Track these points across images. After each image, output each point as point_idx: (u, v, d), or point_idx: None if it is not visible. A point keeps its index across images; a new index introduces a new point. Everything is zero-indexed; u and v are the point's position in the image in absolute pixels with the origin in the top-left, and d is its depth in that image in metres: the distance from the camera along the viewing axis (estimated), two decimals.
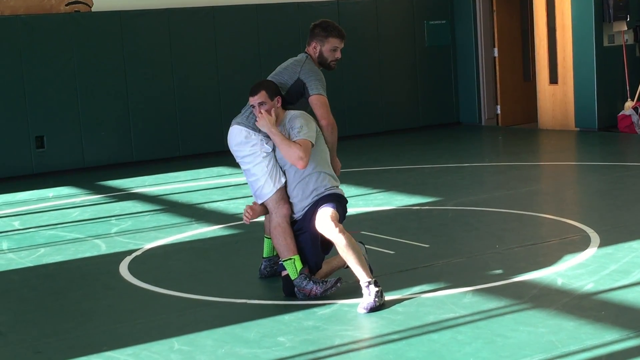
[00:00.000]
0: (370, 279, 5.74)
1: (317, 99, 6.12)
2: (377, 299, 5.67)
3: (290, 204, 6.09)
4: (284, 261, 6.01)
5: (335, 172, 6.20)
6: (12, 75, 12.36)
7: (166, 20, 13.35)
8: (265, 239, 6.56)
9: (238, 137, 6.15)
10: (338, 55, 6.30)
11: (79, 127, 12.80)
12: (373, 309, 5.64)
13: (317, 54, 6.28)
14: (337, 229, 5.76)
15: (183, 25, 13.48)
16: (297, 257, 5.98)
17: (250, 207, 6.09)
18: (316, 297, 5.90)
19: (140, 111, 13.22)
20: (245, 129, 6.12)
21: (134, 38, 13.15)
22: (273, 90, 6.01)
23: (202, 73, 13.62)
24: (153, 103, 13.31)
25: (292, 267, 5.97)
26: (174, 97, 13.43)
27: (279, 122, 6.02)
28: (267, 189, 6.05)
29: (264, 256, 6.60)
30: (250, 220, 6.13)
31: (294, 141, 5.88)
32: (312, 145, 5.92)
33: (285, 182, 6.07)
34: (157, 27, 13.30)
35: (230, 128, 6.21)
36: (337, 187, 6.09)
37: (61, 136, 12.69)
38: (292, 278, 5.98)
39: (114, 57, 13.01)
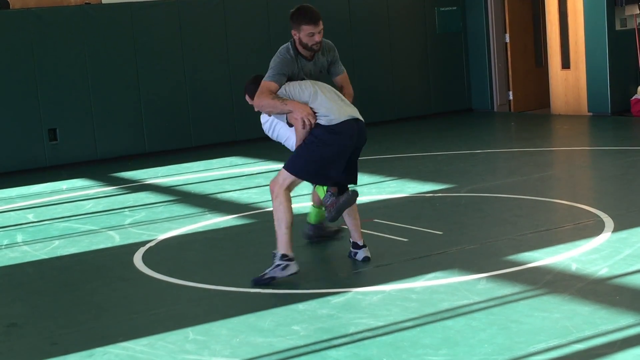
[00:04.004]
0: (277, 251, 6.18)
1: (262, 82, 6.40)
2: (268, 270, 6.15)
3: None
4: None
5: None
6: (23, 68, 12.39)
7: (176, 11, 13.35)
8: (312, 208, 7.10)
9: (263, 118, 6.78)
10: (316, 38, 6.42)
11: (91, 119, 12.83)
12: (258, 281, 6.13)
13: (297, 40, 6.50)
14: (275, 194, 6.23)
15: (193, 16, 13.48)
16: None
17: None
18: (330, 211, 6.33)
19: (152, 102, 13.24)
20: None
21: (145, 29, 13.16)
22: (252, 91, 6.49)
23: (213, 63, 13.62)
24: (165, 94, 13.33)
25: (321, 189, 6.50)
26: (185, 87, 13.44)
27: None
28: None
29: (312, 222, 7.17)
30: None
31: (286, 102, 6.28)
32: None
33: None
34: (168, 18, 13.31)
35: None
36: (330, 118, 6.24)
37: (74, 128, 12.73)
38: (321, 197, 6.49)
39: (125, 49, 13.03)
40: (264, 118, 6.75)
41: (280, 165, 10.71)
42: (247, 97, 6.70)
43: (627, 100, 13.69)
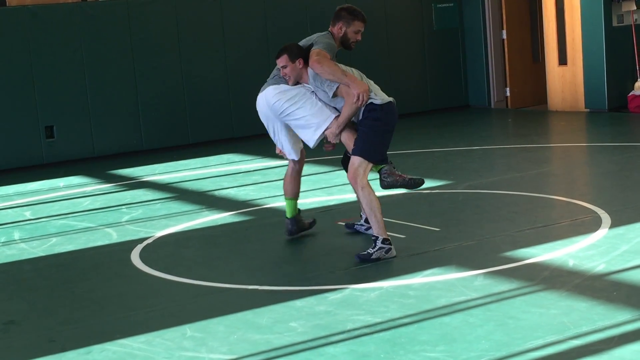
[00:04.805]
0: (378, 235, 6.43)
1: (314, 50, 6.56)
2: (374, 252, 6.37)
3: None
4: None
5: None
6: (20, 65, 12.36)
7: (173, 8, 13.33)
8: (286, 200, 7.16)
9: (275, 90, 6.71)
10: (359, 37, 6.85)
11: (88, 117, 12.81)
12: (364, 259, 6.36)
13: (341, 34, 6.79)
14: (360, 185, 6.55)
15: (190, 12, 13.46)
16: None
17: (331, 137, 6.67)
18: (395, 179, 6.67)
19: (149, 99, 13.22)
20: (282, 84, 6.73)
21: (142, 26, 13.14)
22: (294, 53, 6.63)
23: (210, 60, 13.60)
24: (162, 91, 13.31)
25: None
26: (182, 84, 13.43)
27: (302, 81, 6.69)
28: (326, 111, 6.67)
29: (288, 217, 7.19)
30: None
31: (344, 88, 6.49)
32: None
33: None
34: (165, 15, 13.29)
35: (263, 92, 6.79)
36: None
37: (71, 126, 12.71)
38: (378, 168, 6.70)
39: (122, 46, 13.00)
40: (279, 88, 6.69)
41: (277, 162, 10.76)
42: (284, 58, 6.63)
43: (624, 97, 13.69)
